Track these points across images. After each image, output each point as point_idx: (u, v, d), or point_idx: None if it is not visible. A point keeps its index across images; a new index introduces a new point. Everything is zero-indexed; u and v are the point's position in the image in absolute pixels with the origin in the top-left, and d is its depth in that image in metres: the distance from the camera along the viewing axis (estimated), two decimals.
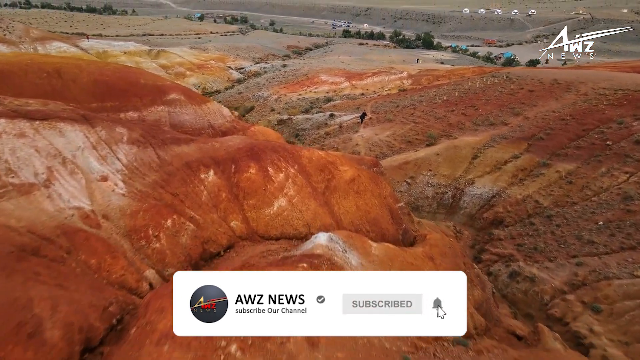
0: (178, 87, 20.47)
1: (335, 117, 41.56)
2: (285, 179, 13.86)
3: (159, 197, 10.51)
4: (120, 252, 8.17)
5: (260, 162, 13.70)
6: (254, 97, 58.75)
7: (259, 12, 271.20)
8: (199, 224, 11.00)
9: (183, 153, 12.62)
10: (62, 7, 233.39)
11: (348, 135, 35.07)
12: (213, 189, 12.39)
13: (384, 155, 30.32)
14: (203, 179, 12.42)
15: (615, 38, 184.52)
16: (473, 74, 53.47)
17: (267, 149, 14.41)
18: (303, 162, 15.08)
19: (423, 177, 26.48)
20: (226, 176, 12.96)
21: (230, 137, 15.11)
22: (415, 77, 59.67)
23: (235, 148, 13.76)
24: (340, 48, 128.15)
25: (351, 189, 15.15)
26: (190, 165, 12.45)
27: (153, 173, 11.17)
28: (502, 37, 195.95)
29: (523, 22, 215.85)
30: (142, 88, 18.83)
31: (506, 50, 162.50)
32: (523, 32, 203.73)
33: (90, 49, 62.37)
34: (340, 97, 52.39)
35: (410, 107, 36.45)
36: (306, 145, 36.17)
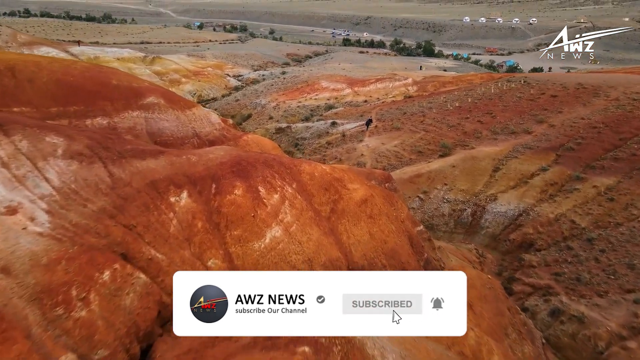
0: (157, 90, 17.68)
1: (338, 125, 38.76)
2: (280, 201, 10.95)
3: (104, 232, 7.57)
4: (20, 327, 5.20)
5: (249, 179, 10.79)
6: (252, 105, 56.05)
7: (259, 21, 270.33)
8: (161, 267, 8.05)
9: (148, 169, 9.70)
10: (61, 15, 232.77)
11: (352, 144, 32.24)
12: (186, 217, 9.46)
13: (392, 167, 27.45)
14: (173, 203, 9.50)
15: (618, 46, 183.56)
16: (482, 80, 50.84)
17: (258, 163, 11.50)
18: (303, 179, 12.18)
19: (438, 191, 23.58)
20: (204, 199, 10.04)
21: (213, 149, 12.21)
22: (420, 84, 57.04)
23: (218, 162, 10.86)
24: (341, 56, 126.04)
25: (363, 212, 12.22)
26: (157, 185, 9.53)
27: (101, 198, 8.25)
28: (504, 46, 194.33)
29: (524, 30, 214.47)
30: (114, 90, 16.03)
31: (508, 58, 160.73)
32: (524, 41, 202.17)
33: (81, 54, 59.78)
34: (342, 104, 49.70)
35: (419, 114, 33.67)
36: (306, 156, 33.33)
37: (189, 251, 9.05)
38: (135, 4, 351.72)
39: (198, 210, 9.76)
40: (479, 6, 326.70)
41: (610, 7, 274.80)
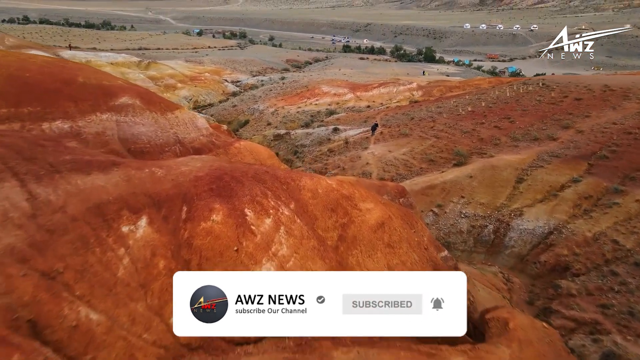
0: (132, 89, 15.15)
1: (340, 132, 36.27)
2: (274, 227, 8.37)
3: (9, 287, 5.00)
4: None
5: (233, 200, 8.22)
6: (249, 111, 53.63)
7: (258, 27, 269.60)
8: (93, 337, 5.44)
9: (93, 188, 7.14)
10: (60, 23, 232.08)
11: (356, 152, 29.71)
12: (143, 254, 6.90)
13: (401, 177, 24.90)
14: (125, 234, 6.94)
15: (621, 52, 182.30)
16: (490, 85, 48.47)
17: (245, 178, 8.94)
18: (304, 197, 9.62)
19: (454, 205, 21.00)
20: (171, 228, 7.48)
21: (188, 159, 9.64)
22: (425, 88, 54.66)
23: (192, 177, 8.30)
24: (341, 62, 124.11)
25: (380, 240, 9.63)
26: (104, 210, 6.98)
27: (11, 232, 5.66)
28: (505, 52, 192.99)
29: (525, 37, 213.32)
30: (80, 89, 13.52)
31: (510, 64, 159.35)
32: (526, 47, 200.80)
33: (72, 58, 57.37)
34: (343, 110, 47.27)
35: (428, 120, 31.19)
36: (306, 164, 30.82)
37: (143, 303, 6.45)
38: (134, 11, 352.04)
39: (161, 244, 7.18)
40: (479, 13, 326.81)
41: (610, 14, 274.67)
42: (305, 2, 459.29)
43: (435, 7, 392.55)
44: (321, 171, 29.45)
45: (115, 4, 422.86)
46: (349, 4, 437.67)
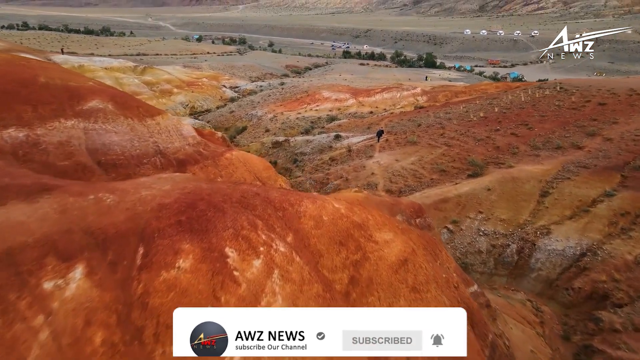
0: (105, 91, 13.01)
1: (342, 139, 34.20)
2: (265, 271, 6.24)
3: None
4: None
5: (209, 235, 6.10)
6: (247, 117, 51.63)
7: (258, 34, 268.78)
8: None
9: (4, 227, 5.01)
10: (60, 29, 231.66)
11: (360, 161, 27.62)
12: (71, 323, 4.78)
13: (410, 189, 22.80)
14: (48, 294, 4.85)
15: (623, 58, 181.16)
16: (497, 90, 46.55)
17: (228, 204, 6.83)
18: (305, 227, 7.50)
19: (471, 221, 18.86)
20: (119, 278, 5.36)
21: (153, 180, 7.49)
22: (430, 94, 52.69)
23: (155, 205, 6.18)
24: (342, 67, 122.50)
25: (403, 282, 7.48)
26: (17, 258, 4.89)
27: None
28: (506, 58, 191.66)
29: (526, 42, 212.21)
30: (40, 91, 11.44)
31: (512, 70, 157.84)
32: (527, 53, 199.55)
33: (64, 62, 55.46)
34: (345, 116, 45.25)
35: (437, 126, 29.15)
36: (306, 174, 28.74)
37: None
38: (134, 17, 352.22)
39: (102, 305, 5.04)
40: (479, 19, 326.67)
41: (611, 20, 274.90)
42: (305, 9, 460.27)
43: (435, 13, 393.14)
44: (322, 181, 27.37)
45: (114, 10, 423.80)
46: (349, 11, 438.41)
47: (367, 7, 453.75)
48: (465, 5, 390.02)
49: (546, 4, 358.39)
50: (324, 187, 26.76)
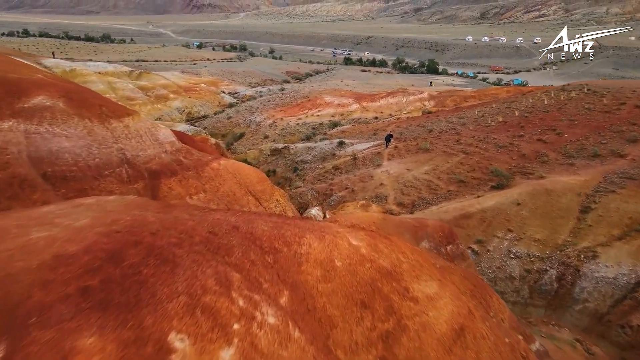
0: (55, 85, 10.39)
1: (346, 146, 31.64)
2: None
3: None
4: None
5: (139, 314, 3.44)
6: (245, 122, 49.16)
7: (259, 41, 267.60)
8: None
9: None
10: (60, 36, 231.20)
11: (367, 170, 25.03)
12: None
13: (424, 203, 20.17)
14: None
15: (627, 65, 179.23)
16: (509, 94, 44.08)
17: (185, 248, 4.19)
18: (308, 279, 4.87)
19: (500, 241, 16.20)
20: None
21: (67, 207, 4.85)
22: (437, 98, 50.22)
23: (47, 259, 3.52)
24: (343, 73, 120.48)
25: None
26: None
27: None
28: (509, 64, 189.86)
29: (529, 49, 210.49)
30: None
31: (515, 76, 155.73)
32: (530, 59, 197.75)
33: (55, 67, 53.25)
34: (349, 122, 42.75)
35: (451, 132, 26.58)
36: (307, 184, 26.15)
37: None
38: (135, 25, 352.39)
39: None
40: (480, 26, 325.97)
41: (613, 27, 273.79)
42: (306, 17, 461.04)
43: (435, 20, 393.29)
44: (325, 193, 24.77)
45: (116, 18, 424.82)
46: (350, 18, 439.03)
47: (368, 14, 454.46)
48: (466, 12, 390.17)
49: (547, 11, 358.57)
50: (327, 199, 24.16)
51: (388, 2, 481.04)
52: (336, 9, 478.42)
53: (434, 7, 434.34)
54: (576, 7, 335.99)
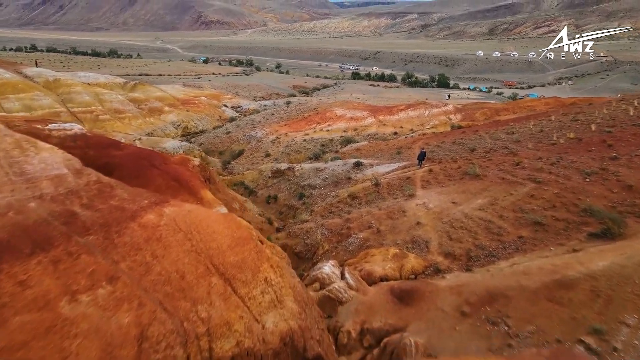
0: None
1: (364, 168, 25.59)
2: None
3: None
4: None
5: None
6: (245, 138, 43.39)
7: (266, 56, 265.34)
8: None
9: None
10: (67, 51, 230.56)
11: (395, 202, 18.88)
12: None
13: (486, 255, 13.94)
14: None
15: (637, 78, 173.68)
16: (547, 106, 38.01)
17: None
18: None
19: (632, 333, 9.85)
20: None
21: None
22: (464, 111, 44.17)
23: None
24: (352, 87, 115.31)
25: None
26: None
27: None
28: (522, 79, 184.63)
29: (542, 64, 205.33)
30: None
31: (530, 91, 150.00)
32: (544, 74, 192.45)
33: (37, 76, 48.14)
34: (364, 137, 36.79)
35: (502, 152, 20.47)
36: (317, 217, 20.15)
37: None
38: (143, 41, 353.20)
39: None
40: (489, 42, 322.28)
41: (627, 42, 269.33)
42: (313, 33, 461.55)
43: (443, 36, 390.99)
44: (341, 232, 18.62)
45: (124, 35, 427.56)
46: (357, 34, 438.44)
47: (375, 30, 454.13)
48: (474, 28, 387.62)
49: (558, 27, 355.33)
50: (343, 241, 18.01)
51: (395, 19, 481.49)
52: (343, 25, 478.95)
53: (441, 23, 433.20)
54: (587, 22, 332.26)
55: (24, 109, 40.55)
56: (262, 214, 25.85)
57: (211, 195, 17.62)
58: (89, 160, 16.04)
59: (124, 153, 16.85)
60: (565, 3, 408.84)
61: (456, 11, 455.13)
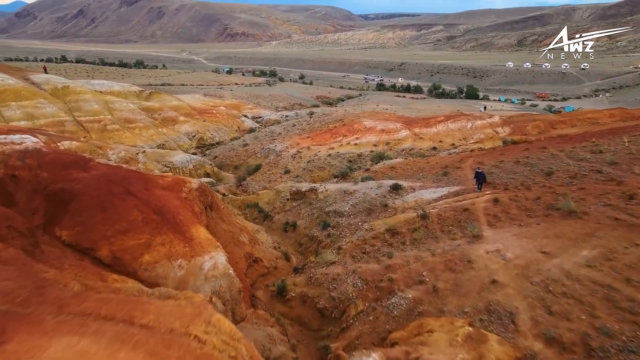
0: None
1: (404, 192, 20.66)
2: None
3: None
4: None
5: None
6: (263, 152, 39.02)
7: (289, 67, 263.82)
8: None
9: None
10: (95, 62, 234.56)
11: (455, 245, 13.87)
12: None
13: (617, 350, 8.73)
14: None
15: None
16: (613, 119, 32.33)
17: None
18: None
19: None
20: None
21: None
22: (513, 124, 38.68)
23: None
24: (378, 98, 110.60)
25: None
26: None
27: None
28: (556, 91, 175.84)
29: (577, 76, 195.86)
30: None
31: (565, 104, 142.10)
32: (579, 86, 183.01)
33: (44, 83, 45.32)
34: (397, 153, 31.86)
35: (599, 178, 15.23)
36: (346, 257, 15.36)
37: None
38: (169, 52, 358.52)
39: None
40: (518, 53, 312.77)
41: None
42: (337, 45, 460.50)
43: (470, 48, 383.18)
44: (380, 285, 13.72)
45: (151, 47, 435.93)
46: (382, 46, 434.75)
47: (400, 42, 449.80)
48: (502, 40, 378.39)
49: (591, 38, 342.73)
50: (383, 301, 13.11)
51: (420, 30, 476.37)
52: (368, 37, 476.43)
53: (467, 34, 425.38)
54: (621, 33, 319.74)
55: (25, 118, 37.37)
56: (277, 247, 21.15)
57: (205, 234, 13.03)
58: (38, 186, 11.67)
59: (89, 176, 12.54)
60: (598, 14, 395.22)
61: (483, 23, 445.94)
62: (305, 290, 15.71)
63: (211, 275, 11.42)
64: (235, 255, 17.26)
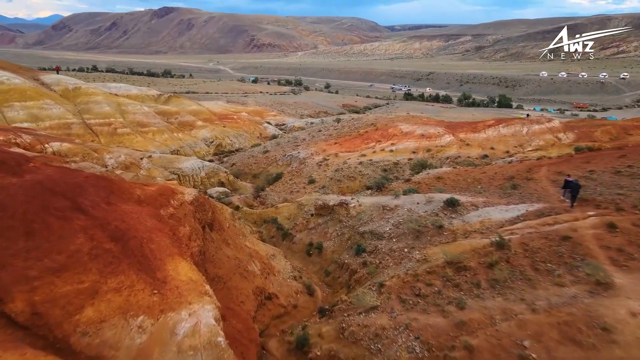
0: None
1: (464, 210, 15.91)
2: None
3: None
4: None
5: None
6: (285, 159, 34.75)
7: (315, 76, 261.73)
8: None
9: None
10: (124, 71, 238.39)
11: (570, 296, 8.99)
12: None
13: None
14: None
15: None
16: None
17: None
18: None
19: None
20: None
21: None
22: (577, 129, 33.17)
23: None
24: (407, 106, 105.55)
25: None
26: None
27: None
28: (593, 101, 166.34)
29: (616, 85, 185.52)
30: None
31: (606, 114, 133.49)
32: (619, 96, 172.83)
33: (55, 84, 42.67)
34: (441, 161, 27.03)
35: None
36: (391, 301, 11.05)
37: None
38: (196, 63, 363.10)
39: None
40: (551, 63, 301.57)
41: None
42: (363, 55, 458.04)
43: (500, 58, 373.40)
44: (450, 354, 8.94)
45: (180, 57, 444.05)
46: (408, 56, 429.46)
47: (427, 52, 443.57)
48: (533, 49, 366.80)
49: (627, 47, 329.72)
50: None
51: (448, 41, 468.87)
52: (394, 48, 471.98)
53: (497, 44, 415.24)
54: None
55: (29, 119, 34.41)
56: (298, 276, 16.60)
57: (189, 272, 8.61)
58: None
59: (20, 182, 8.43)
60: (635, 23, 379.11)
61: (512, 33, 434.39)
62: (335, 349, 11.09)
63: (188, 347, 6.99)
64: (241, 292, 12.82)
